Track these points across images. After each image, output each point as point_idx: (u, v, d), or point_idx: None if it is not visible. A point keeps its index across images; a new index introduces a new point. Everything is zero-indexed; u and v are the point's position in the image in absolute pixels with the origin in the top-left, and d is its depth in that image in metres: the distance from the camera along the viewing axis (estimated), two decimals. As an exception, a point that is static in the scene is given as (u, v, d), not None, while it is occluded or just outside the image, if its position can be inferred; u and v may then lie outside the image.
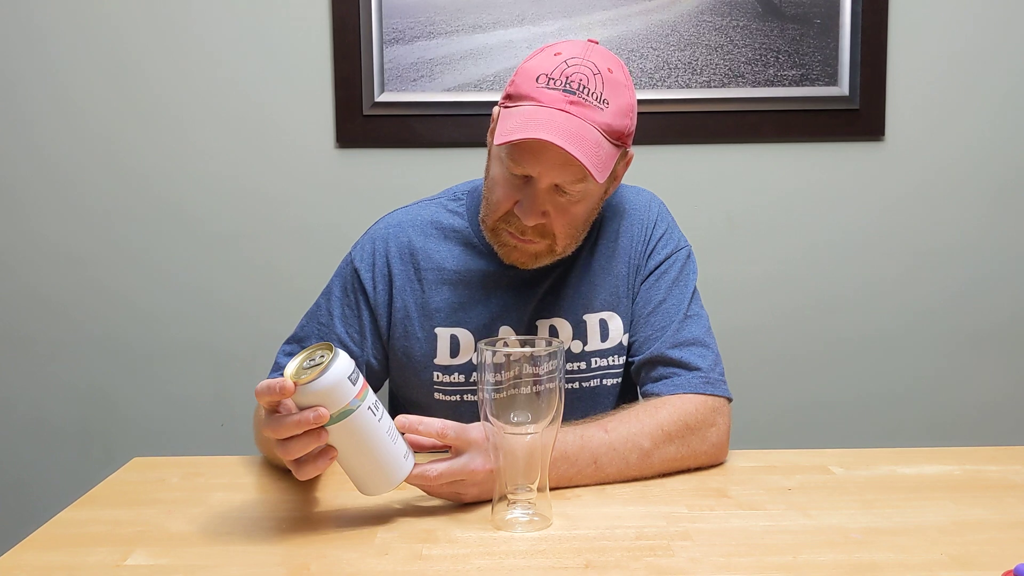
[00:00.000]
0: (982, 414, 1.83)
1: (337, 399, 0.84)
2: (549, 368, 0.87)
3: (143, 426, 1.81)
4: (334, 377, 0.83)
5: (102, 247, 1.78)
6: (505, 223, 1.10)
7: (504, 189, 1.08)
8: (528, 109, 1.03)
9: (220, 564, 0.82)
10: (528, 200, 1.05)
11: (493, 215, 1.10)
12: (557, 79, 1.03)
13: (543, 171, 1.04)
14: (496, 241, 1.13)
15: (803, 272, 1.81)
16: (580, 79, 1.03)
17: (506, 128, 1.02)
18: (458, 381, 1.17)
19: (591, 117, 1.02)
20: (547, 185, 1.05)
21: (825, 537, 0.86)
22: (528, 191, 1.06)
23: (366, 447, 0.87)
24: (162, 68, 1.74)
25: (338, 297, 1.20)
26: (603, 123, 1.03)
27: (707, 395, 1.09)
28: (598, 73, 1.04)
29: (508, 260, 1.13)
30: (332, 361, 0.84)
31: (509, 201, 1.07)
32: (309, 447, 0.85)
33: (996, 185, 1.80)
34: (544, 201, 1.06)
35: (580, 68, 1.03)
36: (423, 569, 0.80)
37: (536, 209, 1.05)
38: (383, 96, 1.73)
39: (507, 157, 1.05)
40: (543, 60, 1.06)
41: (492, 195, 1.10)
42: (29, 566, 0.82)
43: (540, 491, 0.90)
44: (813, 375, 1.83)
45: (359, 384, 0.86)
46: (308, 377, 0.83)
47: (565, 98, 1.02)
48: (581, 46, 1.07)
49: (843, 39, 1.73)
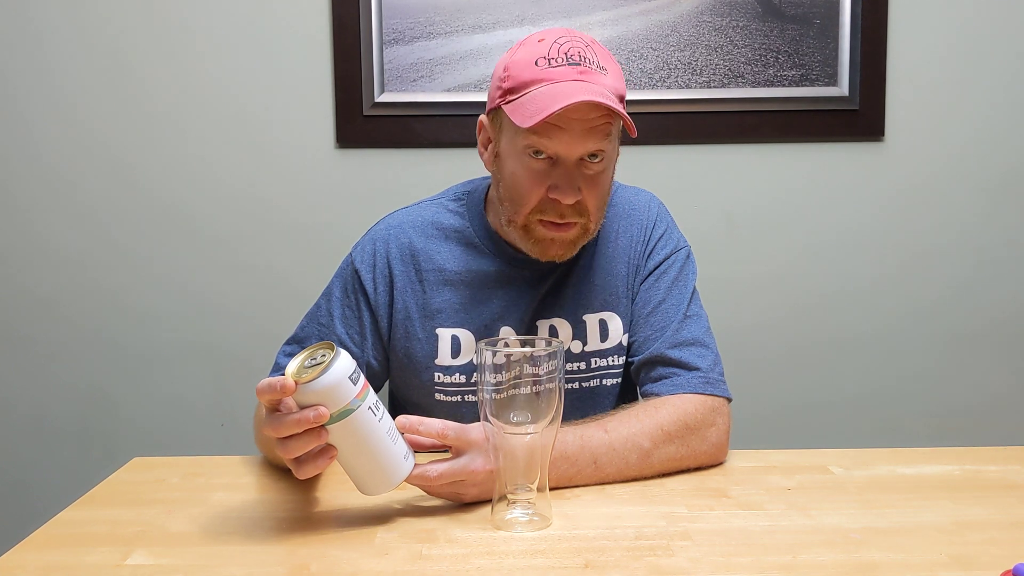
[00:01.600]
0: (982, 413, 1.83)
1: (338, 398, 0.84)
2: (549, 368, 0.87)
3: (143, 426, 1.81)
4: (335, 376, 0.83)
5: (102, 248, 1.78)
6: (539, 214, 1.08)
7: (531, 180, 1.07)
8: (544, 89, 1.03)
9: (220, 564, 0.82)
10: (563, 179, 1.06)
11: (524, 210, 1.09)
12: (557, 57, 1.05)
13: (571, 144, 1.04)
14: (530, 239, 1.11)
15: (803, 272, 1.81)
16: (578, 51, 1.05)
17: (530, 111, 1.02)
18: (459, 382, 1.17)
19: (601, 82, 1.04)
20: (575, 160, 1.06)
21: (825, 537, 0.86)
22: (558, 172, 1.06)
23: (366, 447, 0.87)
24: (162, 69, 1.74)
25: (338, 298, 1.20)
26: (611, 86, 1.05)
27: (707, 395, 1.09)
28: (588, 45, 1.07)
29: (545, 257, 1.12)
30: (333, 360, 0.84)
31: (541, 188, 1.07)
32: (309, 446, 0.85)
33: (995, 185, 1.80)
34: (577, 176, 1.06)
35: (573, 43, 1.06)
36: (423, 569, 0.80)
37: (573, 184, 1.06)
38: (383, 96, 1.73)
39: (531, 145, 1.05)
40: (530, 49, 1.07)
41: (518, 192, 1.09)
42: (29, 566, 0.82)
43: (540, 491, 0.90)
44: (813, 375, 1.83)
45: (360, 384, 0.86)
46: (309, 376, 0.83)
47: (574, 70, 1.04)
48: (559, 29, 1.10)
49: (843, 39, 1.73)
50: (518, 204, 1.09)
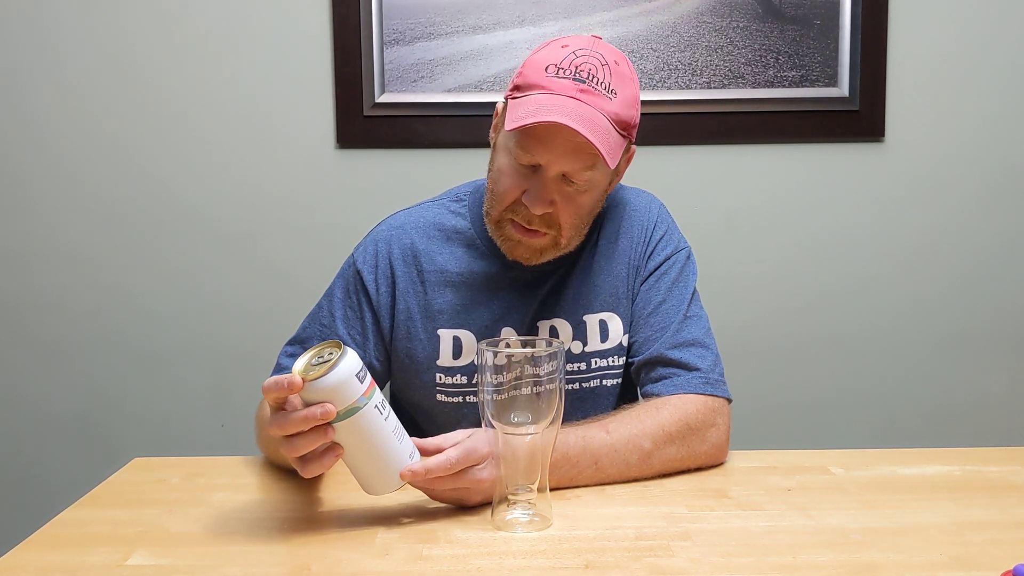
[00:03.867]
0: (982, 413, 1.83)
1: (344, 396, 0.84)
2: (550, 369, 0.87)
3: (144, 426, 1.81)
4: (342, 374, 0.83)
5: (102, 247, 1.78)
6: (511, 213, 1.09)
7: (511, 179, 1.08)
8: (539, 97, 1.03)
9: (220, 564, 0.82)
10: (536, 188, 1.06)
11: (499, 206, 1.10)
12: (567, 68, 1.04)
13: (552, 159, 1.04)
14: (500, 235, 1.12)
15: (803, 272, 1.81)
16: (589, 69, 1.04)
17: (517, 115, 1.03)
18: (460, 383, 1.17)
19: (600, 105, 1.03)
20: (555, 174, 1.06)
21: (825, 537, 0.86)
22: (536, 180, 1.06)
23: (371, 445, 0.87)
24: (162, 69, 1.75)
25: (340, 299, 1.20)
26: (612, 112, 1.04)
27: (707, 395, 1.09)
28: (606, 64, 1.05)
29: (511, 256, 1.13)
30: (340, 358, 0.84)
31: (516, 190, 1.07)
32: (315, 444, 0.85)
33: (995, 185, 1.80)
34: (552, 190, 1.06)
35: (589, 58, 1.05)
36: (423, 569, 0.80)
37: (544, 197, 1.06)
38: (383, 97, 1.73)
39: (515, 146, 1.06)
40: (551, 52, 1.07)
41: (498, 185, 1.10)
42: (29, 566, 0.82)
43: (540, 491, 0.90)
44: (813, 375, 1.83)
45: (366, 382, 0.86)
46: (316, 373, 0.83)
47: (575, 86, 1.03)
48: (588, 39, 1.08)
49: (843, 40, 1.74)
50: (496, 198, 1.11)
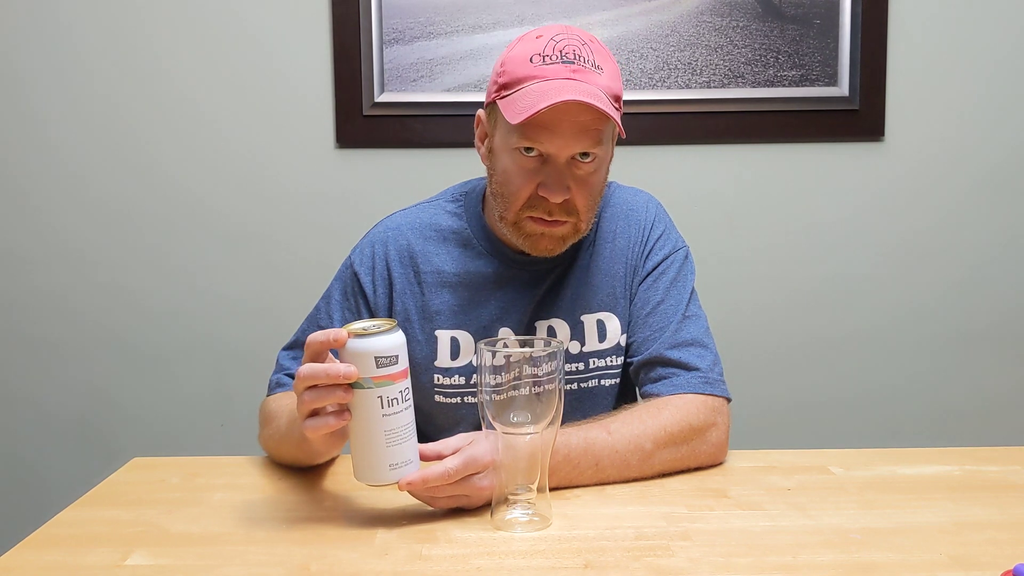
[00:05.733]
0: (982, 413, 1.83)
1: (360, 367, 0.85)
2: (549, 369, 0.87)
3: (143, 426, 1.81)
4: (363, 346, 0.84)
5: (102, 246, 1.78)
6: (529, 210, 1.09)
7: (521, 176, 1.08)
8: (535, 86, 1.03)
9: (220, 564, 0.82)
10: (551, 178, 1.06)
11: (514, 206, 1.09)
12: (552, 54, 1.05)
13: (562, 143, 1.04)
14: (521, 235, 1.11)
15: (803, 272, 1.81)
16: (573, 50, 1.05)
17: (518, 108, 1.02)
18: (458, 383, 1.17)
19: (595, 81, 1.04)
20: (565, 158, 1.06)
21: (824, 537, 0.86)
22: (548, 170, 1.06)
23: (359, 430, 0.87)
24: (162, 69, 1.75)
25: (338, 300, 1.20)
26: (605, 86, 1.05)
27: (707, 395, 1.09)
28: (586, 44, 1.07)
29: (535, 251, 1.12)
30: (378, 334, 0.85)
31: (530, 185, 1.07)
32: (328, 400, 0.86)
33: (994, 184, 1.80)
34: (566, 175, 1.07)
35: (569, 41, 1.06)
36: (423, 569, 0.80)
37: (561, 183, 1.06)
38: (383, 96, 1.73)
39: (520, 141, 1.05)
40: (528, 44, 1.07)
41: (508, 188, 1.09)
42: (29, 566, 0.82)
43: (540, 491, 0.90)
44: (813, 375, 1.83)
45: (383, 371, 0.85)
46: (355, 332, 0.85)
47: (567, 68, 1.04)
48: (559, 26, 1.10)
49: (843, 40, 1.74)
50: (508, 200, 1.10)
